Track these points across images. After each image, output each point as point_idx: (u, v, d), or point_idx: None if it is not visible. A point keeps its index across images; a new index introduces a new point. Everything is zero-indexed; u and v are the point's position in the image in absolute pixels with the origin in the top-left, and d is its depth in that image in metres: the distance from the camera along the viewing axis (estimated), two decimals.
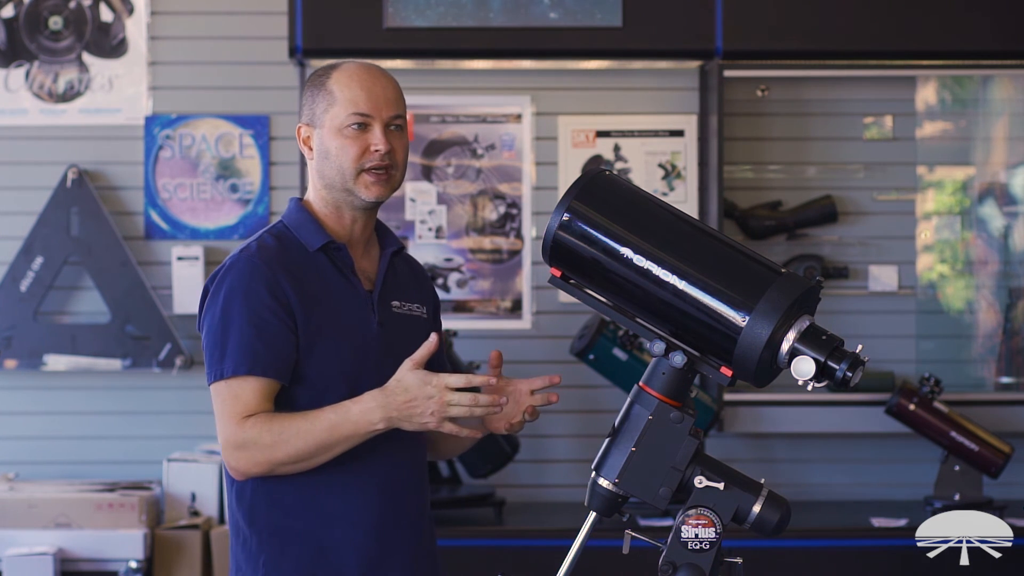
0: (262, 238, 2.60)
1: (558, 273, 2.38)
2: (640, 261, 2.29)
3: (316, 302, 2.54)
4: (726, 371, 2.27)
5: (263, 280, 2.52)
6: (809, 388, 2.21)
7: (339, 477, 2.53)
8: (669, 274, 2.27)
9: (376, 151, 2.56)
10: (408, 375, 2.43)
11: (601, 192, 2.35)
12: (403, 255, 2.74)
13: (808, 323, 2.22)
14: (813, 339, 2.20)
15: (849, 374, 2.19)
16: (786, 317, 2.20)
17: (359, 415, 2.44)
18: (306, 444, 2.45)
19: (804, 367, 2.19)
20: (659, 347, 2.31)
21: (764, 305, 2.19)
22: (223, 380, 2.49)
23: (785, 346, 2.20)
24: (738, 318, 2.21)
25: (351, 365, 2.54)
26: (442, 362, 2.72)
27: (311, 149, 2.61)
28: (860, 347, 2.23)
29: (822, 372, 2.20)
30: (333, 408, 2.46)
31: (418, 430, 2.46)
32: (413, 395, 2.42)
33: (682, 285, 2.26)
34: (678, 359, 2.29)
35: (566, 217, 2.34)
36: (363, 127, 2.56)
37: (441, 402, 2.40)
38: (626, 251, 2.30)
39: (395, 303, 2.64)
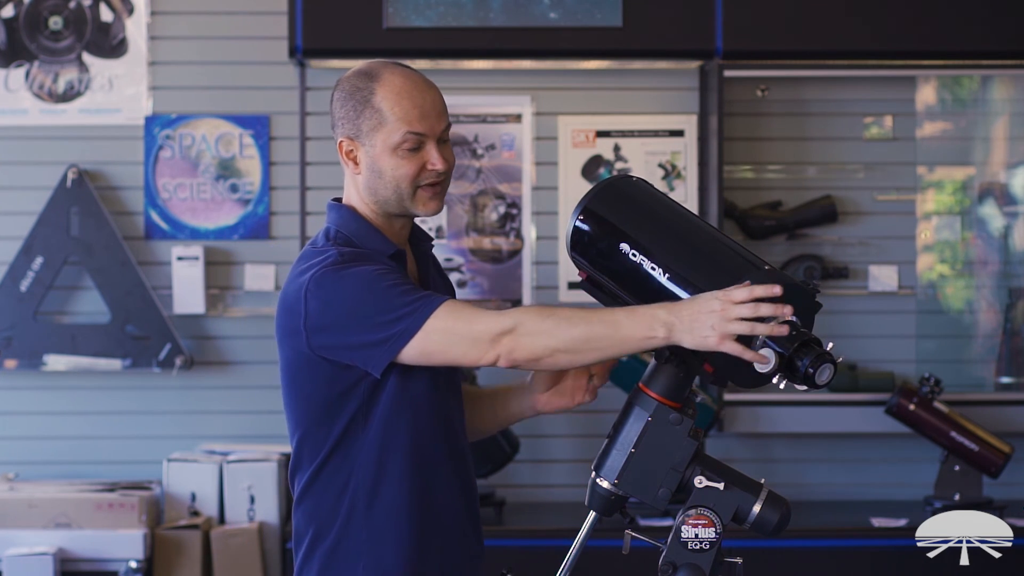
0: (334, 247, 2.46)
1: (584, 276, 2.40)
2: (642, 261, 2.31)
3: None
4: (708, 368, 2.28)
5: (370, 260, 2.42)
6: (782, 387, 2.23)
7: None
8: (665, 276, 2.29)
9: (434, 169, 2.48)
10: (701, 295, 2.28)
11: (617, 198, 2.38)
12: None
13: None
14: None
15: (811, 370, 2.18)
16: None
17: (644, 310, 2.27)
18: (587, 331, 2.29)
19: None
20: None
21: None
22: (430, 318, 2.33)
23: (758, 340, 2.20)
24: None
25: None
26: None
27: (356, 163, 2.50)
28: (831, 344, 2.22)
29: (788, 368, 2.20)
30: (617, 307, 2.33)
31: (697, 346, 2.24)
32: (699, 307, 2.22)
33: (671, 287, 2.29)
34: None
35: (581, 218, 2.37)
36: (418, 146, 2.48)
37: (723, 313, 2.20)
38: (626, 247, 2.33)
39: None
